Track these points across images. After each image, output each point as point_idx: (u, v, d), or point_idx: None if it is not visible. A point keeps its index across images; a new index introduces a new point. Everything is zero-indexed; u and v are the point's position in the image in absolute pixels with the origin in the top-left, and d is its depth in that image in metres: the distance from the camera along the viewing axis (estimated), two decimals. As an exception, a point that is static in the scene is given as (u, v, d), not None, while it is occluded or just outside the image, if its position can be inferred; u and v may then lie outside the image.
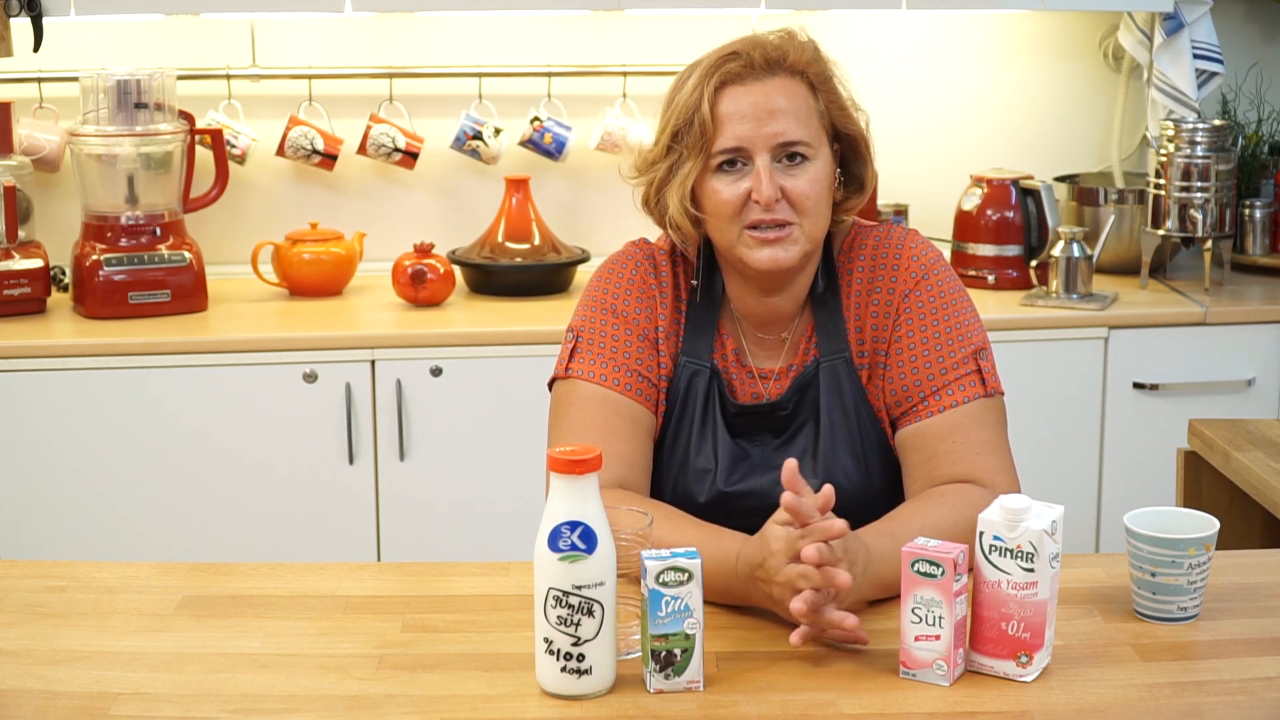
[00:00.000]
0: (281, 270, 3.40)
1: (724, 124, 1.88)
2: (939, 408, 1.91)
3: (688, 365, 1.97)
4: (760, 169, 1.87)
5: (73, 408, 3.07)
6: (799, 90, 1.91)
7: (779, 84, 1.90)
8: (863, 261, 1.99)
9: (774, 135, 1.88)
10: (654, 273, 2.00)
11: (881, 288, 1.97)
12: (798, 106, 1.90)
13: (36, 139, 3.40)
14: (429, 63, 3.57)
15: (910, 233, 2.00)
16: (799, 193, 1.88)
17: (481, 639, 1.71)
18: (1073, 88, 3.78)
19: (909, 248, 1.98)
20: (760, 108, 1.88)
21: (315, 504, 3.15)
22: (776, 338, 2.00)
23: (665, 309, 1.99)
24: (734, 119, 1.88)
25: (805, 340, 1.98)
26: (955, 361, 1.93)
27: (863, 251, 1.99)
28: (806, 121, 1.90)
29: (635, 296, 1.99)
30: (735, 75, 1.89)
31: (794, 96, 1.90)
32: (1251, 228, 3.59)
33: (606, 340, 1.96)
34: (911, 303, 1.95)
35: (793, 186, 1.88)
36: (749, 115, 1.88)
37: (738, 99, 1.88)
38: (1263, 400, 3.33)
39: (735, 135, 1.88)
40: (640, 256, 2.01)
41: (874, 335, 1.96)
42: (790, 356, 1.99)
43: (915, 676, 1.60)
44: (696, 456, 1.95)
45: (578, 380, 1.95)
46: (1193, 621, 1.74)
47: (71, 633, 1.73)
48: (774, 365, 1.99)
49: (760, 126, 1.87)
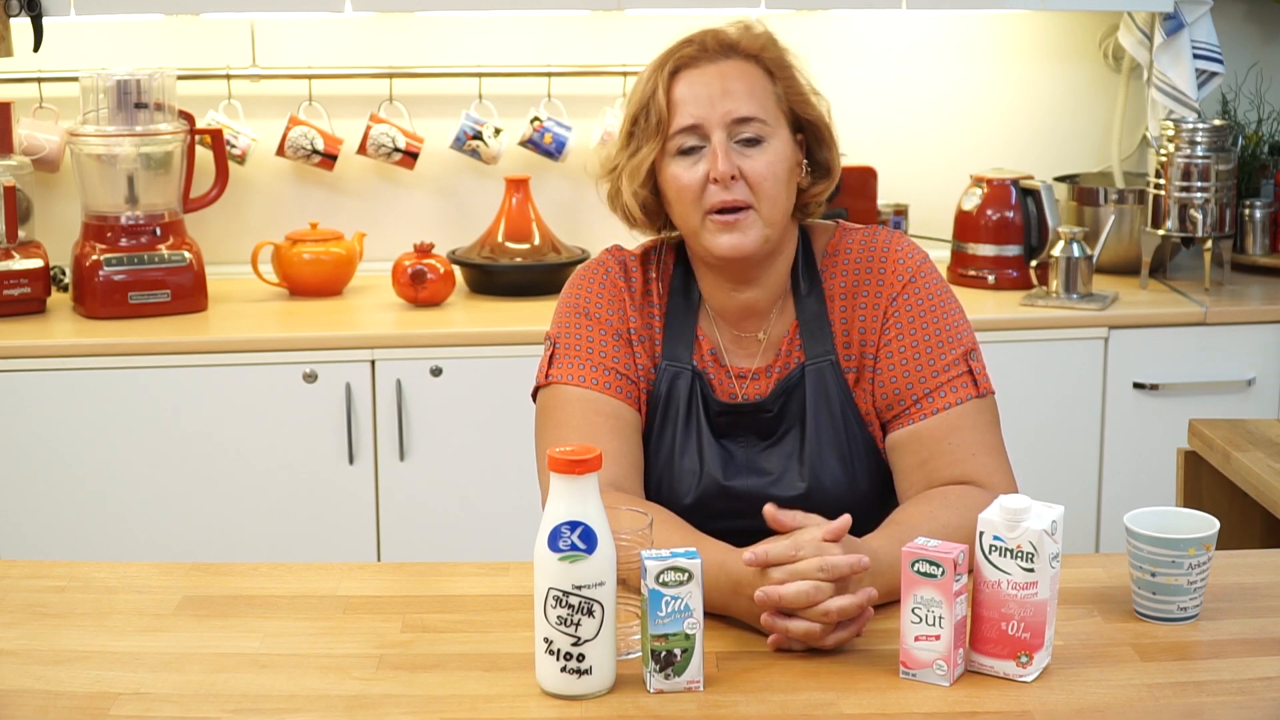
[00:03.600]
0: (281, 270, 3.40)
1: (679, 106, 1.90)
2: (932, 410, 1.91)
3: (669, 368, 1.97)
4: (715, 145, 1.89)
5: (73, 408, 3.07)
6: (753, 72, 1.93)
7: (733, 66, 1.92)
8: (848, 264, 1.99)
9: (728, 112, 1.89)
10: (624, 276, 2.01)
11: (869, 290, 1.97)
12: (752, 87, 1.92)
13: (36, 139, 3.40)
14: (429, 63, 3.57)
15: (896, 234, 2.00)
16: (756, 173, 1.89)
17: (481, 639, 1.71)
18: (1073, 88, 3.78)
19: (895, 250, 1.98)
20: (714, 87, 1.90)
21: (315, 504, 3.15)
22: (753, 336, 2.00)
23: (637, 311, 1.99)
24: (688, 100, 1.90)
25: (787, 342, 1.98)
26: (947, 364, 1.93)
27: (848, 254, 1.99)
28: (763, 101, 1.92)
29: (607, 299, 1.99)
30: (689, 59, 1.92)
31: (748, 78, 1.92)
32: (1251, 228, 3.59)
33: (582, 343, 1.97)
34: (900, 305, 1.95)
35: (750, 167, 1.89)
36: (703, 95, 1.90)
37: (692, 81, 1.91)
38: (1263, 400, 3.33)
39: (690, 114, 1.90)
40: (611, 263, 2.02)
41: (861, 339, 1.96)
42: (769, 357, 1.99)
43: (915, 676, 1.60)
44: (682, 458, 1.95)
45: (559, 385, 1.96)
46: (1193, 621, 1.74)
47: (71, 633, 1.73)
48: (752, 365, 1.99)
49: (715, 105, 1.89)
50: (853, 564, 1.62)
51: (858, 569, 1.63)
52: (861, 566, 1.63)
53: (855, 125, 3.64)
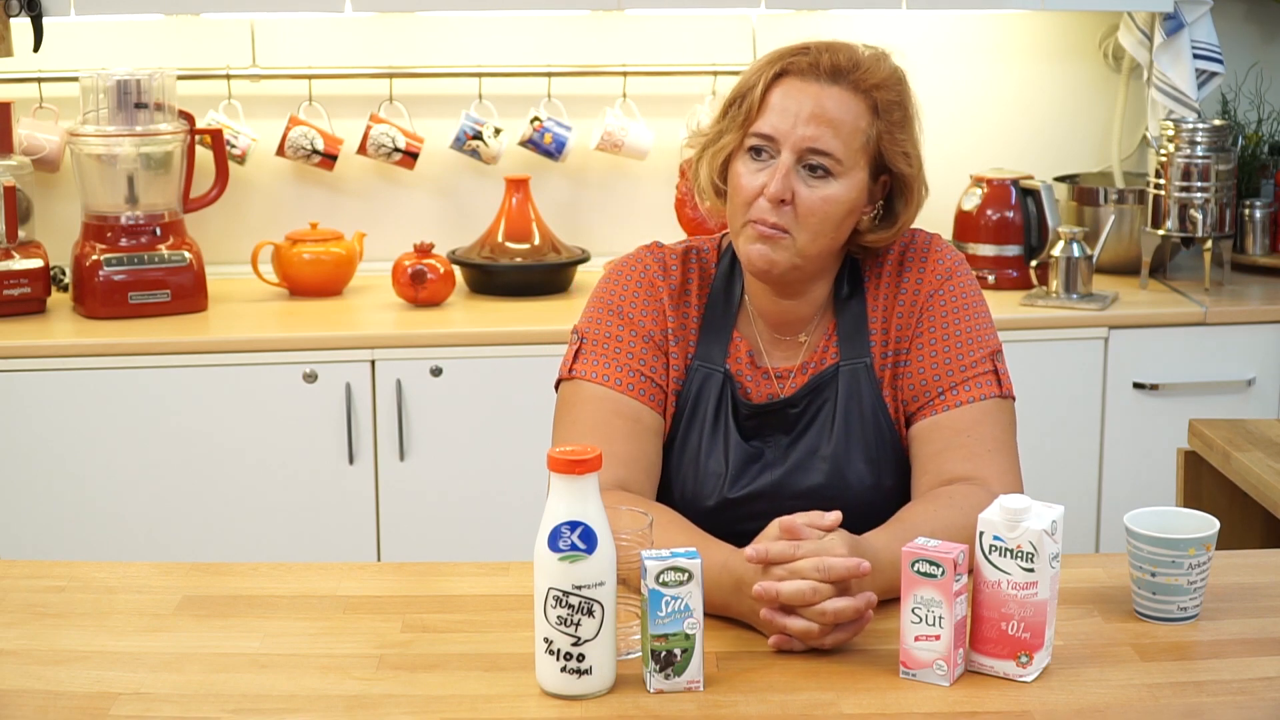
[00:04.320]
0: (281, 270, 3.40)
1: (768, 109, 1.88)
2: (955, 403, 1.92)
3: (700, 369, 1.96)
4: (780, 164, 1.86)
5: (73, 408, 3.07)
6: (855, 107, 1.88)
7: (836, 93, 1.87)
8: (890, 265, 1.99)
9: (805, 138, 1.86)
10: (663, 276, 1.99)
11: (907, 288, 1.97)
12: (844, 120, 1.87)
13: (36, 139, 3.40)
14: (429, 63, 3.57)
15: (935, 237, 2.01)
16: (807, 205, 1.87)
17: (481, 639, 1.71)
18: (1073, 88, 3.78)
19: (935, 250, 1.99)
20: (805, 108, 1.86)
21: (315, 504, 3.15)
22: (794, 339, 2.00)
23: (674, 311, 1.98)
24: (777, 109, 1.87)
25: (825, 340, 1.98)
26: (974, 360, 1.93)
27: (890, 255, 1.99)
28: (848, 139, 1.87)
29: (642, 299, 1.98)
30: (797, 69, 1.88)
31: (846, 110, 1.87)
32: (1251, 228, 3.59)
33: (610, 341, 1.96)
34: (935, 302, 1.96)
35: (804, 197, 1.86)
36: (792, 110, 1.87)
37: (789, 91, 1.88)
38: (1263, 400, 3.33)
39: (771, 123, 1.87)
40: (650, 260, 2.00)
41: (898, 335, 1.97)
42: (808, 355, 1.99)
43: (915, 676, 1.60)
44: (708, 460, 1.94)
45: (581, 381, 1.95)
46: (1193, 621, 1.74)
47: (71, 633, 1.73)
48: (791, 364, 1.99)
49: (797, 126, 1.86)
50: (850, 568, 1.62)
51: (856, 573, 1.62)
52: (861, 571, 1.63)
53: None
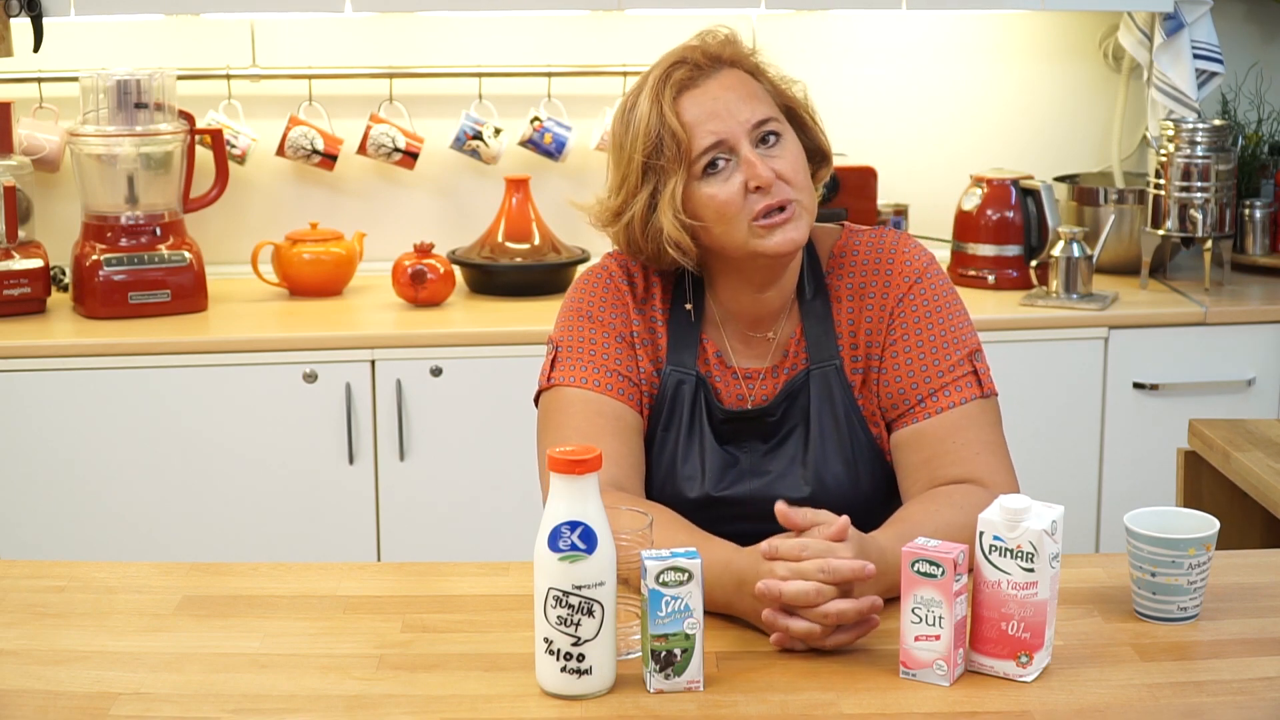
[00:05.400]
0: (281, 270, 3.40)
1: (695, 128, 1.88)
2: (937, 409, 1.91)
3: (673, 373, 1.97)
4: (746, 156, 1.87)
5: (73, 408, 3.07)
6: (745, 77, 1.93)
7: (727, 76, 1.91)
8: (854, 267, 1.98)
9: (747, 121, 1.88)
10: (627, 280, 2.00)
11: (875, 293, 1.97)
12: (751, 90, 1.91)
13: (36, 139, 3.40)
14: (429, 63, 3.57)
15: (902, 236, 2.00)
16: (788, 169, 1.89)
17: (481, 639, 1.71)
18: (1073, 88, 3.78)
19: (901, 252, 1.98)
20: (721, 100, 1.89)
21: (315, 504, 3.15)
22: (763, 336, 1.99)
23: (639, 315, 1.99)
24: (703, 119, 1.88)
25: (794, 343, 1.98)
26: (952, 364, 1.93)
27: (854, 257, 1.99)
28: (766, 100, 1.92)
29: (610, 303, 1.99)
30: (687, 80, 1.90)
31: (744, 83, 1.92)
32: (1251, 228, 3.59)
33: (585, 345, 1.97)
34: (905, 306, 1.95)
35: (780, 165, 1.89)
36: (717, 111, 1.88)
37: (699, 101, 1.89)
38: (1263, 400, 3.33)
39: (711, 133, 1.88)
40: (614, 266, 2.02)
41: (868, 340, 1.96)
42: (777, 357, 1.99)
43: (915, 676, 1.60)
44: (684, 464, 1.95)
45: (561, 388, 1.96)
46: (1193, 621, 1.74)
47: (71, 633, 1.73)
48: (760, 365, 1.99)
49: (731, 116, 1.88)
50: (855, 570, 1.62)
51: (860, 576, 1.62)
52: (866, 574, 1.63)
53: (855, 125, 3.65)
